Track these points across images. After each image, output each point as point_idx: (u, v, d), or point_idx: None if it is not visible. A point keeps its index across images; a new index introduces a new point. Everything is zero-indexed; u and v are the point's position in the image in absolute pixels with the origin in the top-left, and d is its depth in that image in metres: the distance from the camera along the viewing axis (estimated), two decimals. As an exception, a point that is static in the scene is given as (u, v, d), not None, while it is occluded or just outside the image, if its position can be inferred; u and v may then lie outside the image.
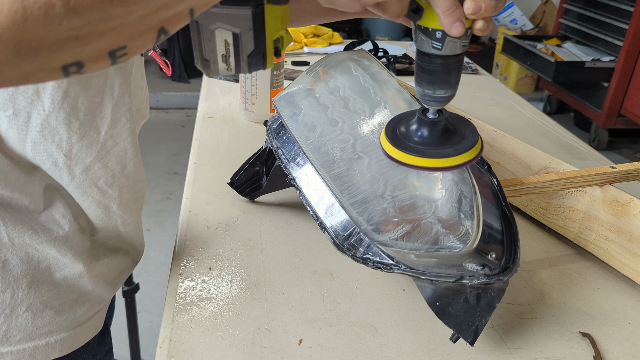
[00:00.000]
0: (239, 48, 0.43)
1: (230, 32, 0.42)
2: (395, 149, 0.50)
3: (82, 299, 0.57)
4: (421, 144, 0.49)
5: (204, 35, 0.43)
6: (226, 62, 0.45)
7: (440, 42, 0.43)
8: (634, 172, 0.74)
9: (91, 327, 0.59)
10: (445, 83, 0.45)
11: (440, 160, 0.48)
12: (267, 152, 0.76)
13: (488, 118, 1.20)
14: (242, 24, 0.42)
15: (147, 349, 1.71)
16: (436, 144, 0.49)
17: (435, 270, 0.54)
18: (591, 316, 0.64)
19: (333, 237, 0.58)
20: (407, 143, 0.50)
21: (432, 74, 0.45)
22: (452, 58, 0.44)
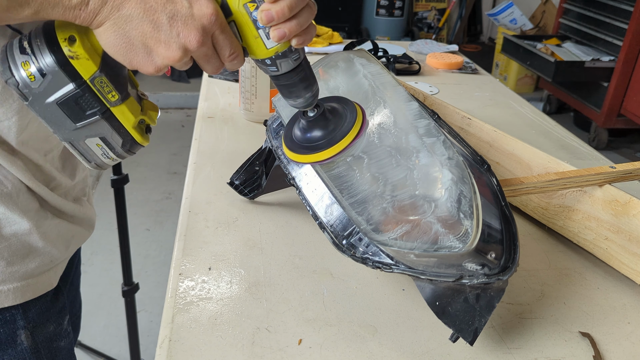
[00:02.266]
0: (111, 144, 0.50)
1: (97, 137, 0.49)
2: (290, 152, 0.56)
3: (32, 255, 0.60)
4: (312, 140, 0.55)
5: (80, 149, 0.50)
6: (108, 156, 0.51)
7: (274, 65, 0.48)
8: (633, 172, 0.74)
9: (44, 282, 0.62)
10: (302, 89, 0.51)
11: (328, 150, 0.54)
12: (267, 152, 0.76)
13: (488, 118, 1.20)
14: (102, 129, 0.49)
15: (147, 349, 1.71)
16: (324, 136, 0.54)
17: (434, 270, 0.54)
18: (591, 316, 0.64)
19: (333, 237, 0.58)
20: (301, 143, 0.56)
21: (287, 87, 0.51)
22: (293, 72, 0.49)
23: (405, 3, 4.44)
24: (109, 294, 1.99)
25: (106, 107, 0.48)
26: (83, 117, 0.47)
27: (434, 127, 0.62)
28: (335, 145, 0.53)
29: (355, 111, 0.55)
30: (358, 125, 0.54)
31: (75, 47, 0.44)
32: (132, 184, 2.57)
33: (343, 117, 0.55)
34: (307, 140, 0.55)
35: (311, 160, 0.55)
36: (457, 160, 0.58)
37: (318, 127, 0.55)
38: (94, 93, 0.47)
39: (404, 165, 0.60)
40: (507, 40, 3.65)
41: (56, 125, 0.48)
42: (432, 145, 0.60)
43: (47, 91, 0.45)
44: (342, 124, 0.54)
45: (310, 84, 0.51)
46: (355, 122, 0.54)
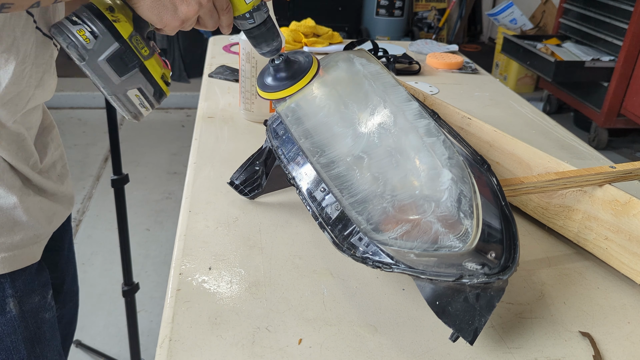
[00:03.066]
0: (145, 94, 0.62)
1: (136, 88, 0.61)
2: (263, 92, 0.69)
3: (17, 228, 0.66)
4: (280, 80, 0.68)
5: (123, 100, 0.61)
6: (144, 106, 0.63)
7: (251, 18, 0.63)
8: (633, 172, 0.74)
9: (29, 254, 0.68)
10: (270, 39, 0.66)
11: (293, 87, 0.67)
12: (267, 151, 0.76)
13: (488, 118, 1.20)
14: (139, 81, 0.61)
15: (147, 349, 1.71)
16: (290, 77, 0.68)
17: (434, 270, 0.54)
18: (591, 315, 0.64)
19: (333, 237, 0.58)
20: (271, 85, 0.69)
21: (260, 37, 0.65)
22: (263, 23, 0.64)
23: (405, 3, 4.44)
24: (109, 294, 1.99)
25: (141, 61, 0.60)
26: (126, 70, 0.59)
27: (434, 127, 0.62)
28: (299, 82, 0.67)
29: (310, 59, 0.69)
30: (315, 67, 0.68)
31: (115, 13, 0.57)
32: (132, 184, 2.57)
33: (302, 63, 0.69)
34: (274, 82, 0.68)
35: (280, 95, 0.68)
36: (457, 160, 0.58)
37: (283, 71, 0.68)
38: (132, 49, 0.58)
39: (404, 165, 0.60)
40: (507, 40, 3.65)
41: (106, 80, 0.59)
42: (432, 145, 0.60)
43: (99, 50, 0.56)
44: (302, 67, 0.68)
45: (277, 34, 0.66)
46: (312, 66, 0.68)
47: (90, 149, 3.06)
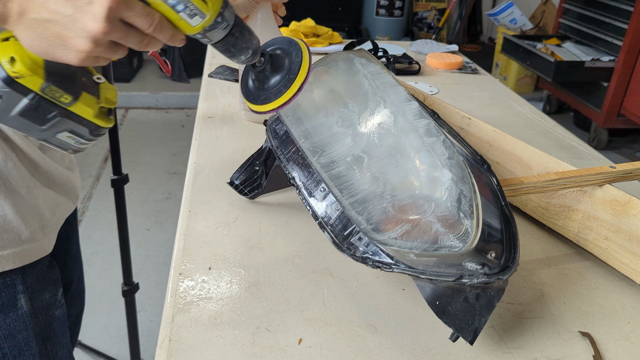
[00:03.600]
0: (79, 134, 0.55)
1: (66, 131, 0.53)
2: (254, 105, 0.60)
3: (25, 221, 0.65)
4: (268, 88, 0.59)
5: (56, 142, 0.54)
6: (81, 143, 0.56)
7: (204, 37, 0.51)
8: (633, 172, 0.74)
9: (38, 248, 0.68)
10: (238, 51, 0.54)
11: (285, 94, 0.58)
12: (267, 151, 0.76)
13: (488, 118, 1.20)
14: (67, 125, 0.53)
15: (147, 349, 1.71)
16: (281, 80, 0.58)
17: (434, 270, 0.54)
18: (591, 315, 0.64)
19: (333, 237, 0.58)
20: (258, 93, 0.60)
21: (224, 51, 0.54)
22: (224, 39, 0.52)
23: (405, 3, 4.44)
24: (109, 294, 1.99)
25: (63, 108, 0.52)
26: (45, 120, 0.51)
27: (434, 127, 0.62)
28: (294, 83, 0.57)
29: (297, 47, 0.59)
30: (306, 57, 0.58)
31: (16, 67, 0.47)
32: (132, 184, 2.57)
33: (290, 54, 0.58)
34: (262, 90, 0.59)
35: (276, 105, 0.58)
36: (457, 160, 0.58)
37: (270, 74, 0.59)
38: (48, 100, 0.50)
39: (403, 165, 0.60)
40: (507, 40, 3.65)
41: (26, 130, 0.52)
42: (432, 145, 0.60)
43: (8, 108, 0.49)
44: (292, 61, 0.58)
45: (247, 45, 0.54)
46: (302, 56, 0.58)
47: (90, 149, 3.06)
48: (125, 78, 3.84)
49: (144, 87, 3.82)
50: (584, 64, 3.17)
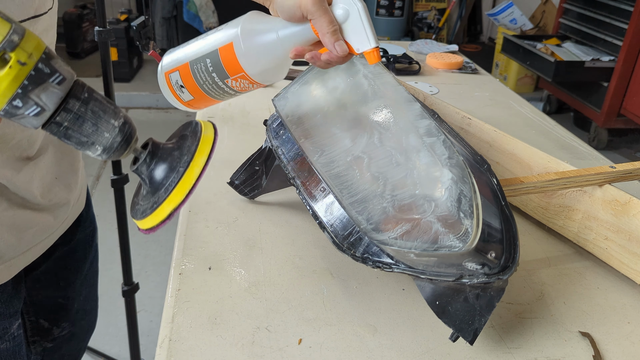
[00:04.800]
0: None
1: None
2: (137, 220, 0.48)
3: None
4: (146, 197, 0.47)
5: None
6: None
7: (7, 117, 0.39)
8: (633, 172, 0.74)
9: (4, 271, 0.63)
10: (83, 144, 0.41)
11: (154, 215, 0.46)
12: (267, 151, 0.76)
13: (488, 118, 1.20)
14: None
15: (146, 349, 1.71)
16: (157, 189, 0.46)
17: (434, 269, 0.54)
18: (590, 315, 0.64)
19: (333, 237, 0.58)
20: (139, 201, 0.48)
21: (67, 142, 0.42)
22: (48, 126, 0.40)
23: (405, 3, 4.44)
24: (109, 294, 1.99)
25: None
26: None
27: (434, 127, 0.62)
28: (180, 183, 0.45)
29: (196, 128, 0.47)
30: (206, 142, 0.47)
31: None
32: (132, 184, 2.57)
33: (180, 153, 0.46)
34: (144, 196, 0.48)
35: (150, 224, 0.47)
36: (457, 160, 0.58)
37: (155, 172, 0.46)
38: None
39: (404, 165, 0.60)
40: (507, 40, 3.65)
41: None
42: (432, 145, 0.60)
43: None
44: (175, 166, 0.46)
45: (89, 140, 0.41)
46: (192, 160, 0.45)
47: (90, 149, 3.06)
48: (125, 78, 3.85)
49: (144, 87, 3.82)
50: (584, 64, 3.17)
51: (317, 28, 0.58)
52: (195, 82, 0.64)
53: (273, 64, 0.62)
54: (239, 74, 0.61)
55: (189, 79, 0.64)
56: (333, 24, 0.58)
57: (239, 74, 0.61)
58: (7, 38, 0.35)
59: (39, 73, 0.37)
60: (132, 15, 3.96)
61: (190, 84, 0.64)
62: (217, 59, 0.61)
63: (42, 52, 0.37)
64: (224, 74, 0.62)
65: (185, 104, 0.67)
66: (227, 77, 0.62)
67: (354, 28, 0.59)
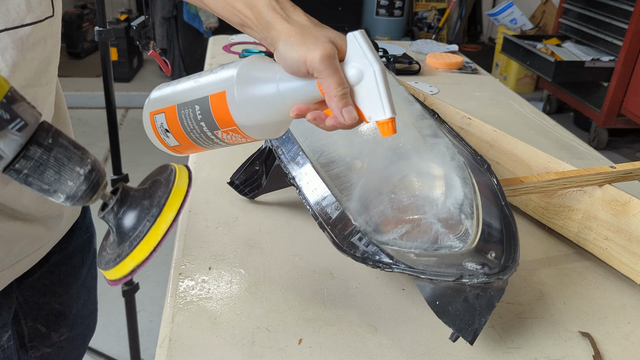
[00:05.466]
0: None
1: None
2: (105, 270, 0.46)
3: None
4: (111, 246, 0.45)
5: None
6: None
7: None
8: (633, 172, 0.74)
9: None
10: (45, 191, 0.39)
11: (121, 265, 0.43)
12: (267, 151, 0.76)
13: (488, 118, 1.20)
14: None
15: (146, 349, 1.71)
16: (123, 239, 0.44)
17: (434, 269, 0.54)
18: (591, 315, 0.64)
19: (333, 237, 0.58)
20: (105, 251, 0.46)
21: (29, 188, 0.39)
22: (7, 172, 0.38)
23: (405, 3, 4.44)
24: (109, 294, 1.99)
25: None
26: None
27: (434, 127, 0.62)
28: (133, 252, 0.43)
29: (169, 173, 0.45)
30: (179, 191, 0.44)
31: None
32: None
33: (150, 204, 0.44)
34: (110, 245, 0.46)
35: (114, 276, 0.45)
36: (457, 160, 0.58)
37: (120, 225, 0.44)
38: None
39: (404, 166, 0.60)
40: (507, 40, 3.65)
41: None
42: (432, 145, 0.60)
43: None
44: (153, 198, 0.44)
45: (50, 188, 0.39)
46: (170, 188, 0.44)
47: (90, 149, 3.02)
48: (125, 78, 3.85)
49: (144, 87, 3.82)
50: (584, 64, 3.17)
51: (323, 88, 0.50)
52: (181, 129, 0.56)
53: (270, 120, 0.53)
54: (231, 127, 0.53)
55: (175, 124, 0.56)
56: (343, 86, 0.49)
57: (230, 127, 0.53)
58: None
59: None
60: (132, 15, 3.96)
61: (177, 130, 0.57)
62: (207, 107, 0.53)
63: (4, 96, 0.35)
64: (214, 124, 0.54)
65: (171, 149, 0.60)
66: (217, 129, 0.54)
67: (368, 93, 0.50)
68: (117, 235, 0.44)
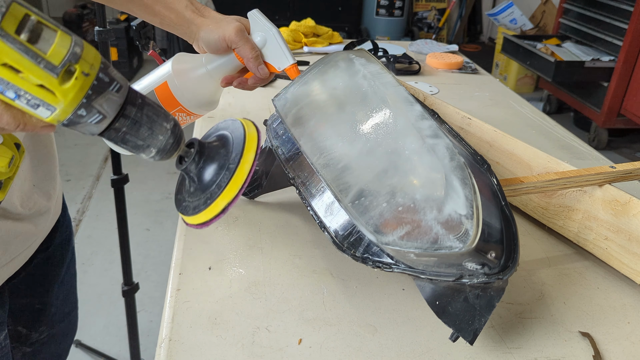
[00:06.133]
0: None
1: None
2: (182, 214, 0.51)
3: None
4: (196, 194, 0.49)
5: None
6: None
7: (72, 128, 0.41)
8: (633, 172, 0.74)
9: None
10: (139, 147, 0.44)
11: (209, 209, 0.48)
12: (267, 151, 0.76)
13: (488, 118, 1.20)
14: None
15: (146, 349, 1.71)
16: (210, 184, 0.48)
17: (434, 270, 0.54)
18: (591, 316, 0.64)
19: (333, 237, 0.58)
20: (189, 199, 0.50)
21: (123, 146, 0.43)
22: (105, 133, 0.42)
23: (405, 3, 4.44)
24: (109, 294, 1.99)
25: None
26: None
27: (434, 127, 0.62)
28: (233, 180, 0.48)
29: (239, 127, 0.50)
30: (252, 140, 0.50)
31: None
32: (132, 184, 2.57)
33: (227, 151, 0.49)
34: (193, 194, 0.50)
35: (202, 219, 0.49)
36: (457, 160, 0.58)
37: (203, 171, 0.49)
38: None
39: (404, 166, 0.60)
40: (507, 40, 3.65)
41: None
42: (432, 145, 0.60)
43: None
44: (229, 150, 0.49)
45: (144, 143, 0.43)
46: (244, 140, 0.49)
47: (90, 149, 3.06)
48: (125, 78, 3.84)
49: (144, 87, 3.82)
50: (584, 64, 3.17)
51: (241, 55, 0.67)
52: None
53: (205, 94, 0.70)
54: (177, 108, 0.68)
55: None
56: (255, 50, 0.67)
57: (176, 108, 0.68)
58: (70, 51, 0.37)
59: (100, 82, 0.39)
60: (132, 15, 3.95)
61: None
62: (154, 99, 0.68)
63: (100, 62, 0.39)
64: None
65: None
66: None
67: (273, 50, 0.69)
68: (198, 183, 0.49)
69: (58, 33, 0.37)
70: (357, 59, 0.70)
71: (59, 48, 0.37)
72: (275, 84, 1.37)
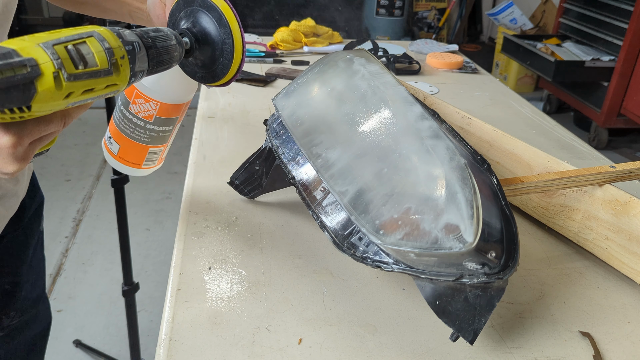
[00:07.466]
0: None
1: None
2: (209, 83, 0.63)
3: None
4: (208, 66, 0.61)
5: None
6: None
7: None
8: (633, 172, 0.74)
9: None
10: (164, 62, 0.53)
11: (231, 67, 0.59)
12: (267, 151, 0.76)
13: (488, 117, 1.20)
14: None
15: (147, 349, 1.71)
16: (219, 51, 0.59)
17: (434, 269, 0.54)
18: (591, 315, 0.64)
19: (333, 236, 0.58)
20: (199, 73, 0.62)
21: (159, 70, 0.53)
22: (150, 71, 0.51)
23: (405, 3, 4.44)
24: (109, 294, 1.99)
25: None
26: None
27: (434, 127, 0.62)
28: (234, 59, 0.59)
29: (222, 17, 0.58)
30: (236, 28, 0.58)
31: None
32: (132, 184, 2.57)
33: (214, 26, 0.58)
34: (205, 66, 0.61)
35: (229, 76, 0.61)
36: (457, 160, 0.58)
37: (205, 53, 0.59)
38: None
39: (404, 166, 0.60)
40: (507, 39, 3.65)
41: None
42: (432, 145, 0.60)
43: None
44: (215, 25, 0.58)
45: (170, 57, 0.53)
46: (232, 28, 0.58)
47: (90, 149, 3.06)
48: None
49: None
50: (584, 63, 3.17)
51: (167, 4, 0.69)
52: (115, 125, 0.71)
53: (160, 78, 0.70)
54: (134, 92, 0.69)
55: (112, 126, 0.72)
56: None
57: (133, 93, 0.69)
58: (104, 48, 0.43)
59: (131, 54, 0.46)
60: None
61: (113, 130, 0.71)
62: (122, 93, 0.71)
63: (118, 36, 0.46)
64: (126, 100, 0.68)
65: (116, 158, 0.72)
66: (128, 104, 0.68)
67: None
68: (209, 58, 0.60)
69: (87, 42, 0.42)
70: (357, 59, 0.70)
71: (99, 54, 0.42)
72: (275, 84, 1.37)
